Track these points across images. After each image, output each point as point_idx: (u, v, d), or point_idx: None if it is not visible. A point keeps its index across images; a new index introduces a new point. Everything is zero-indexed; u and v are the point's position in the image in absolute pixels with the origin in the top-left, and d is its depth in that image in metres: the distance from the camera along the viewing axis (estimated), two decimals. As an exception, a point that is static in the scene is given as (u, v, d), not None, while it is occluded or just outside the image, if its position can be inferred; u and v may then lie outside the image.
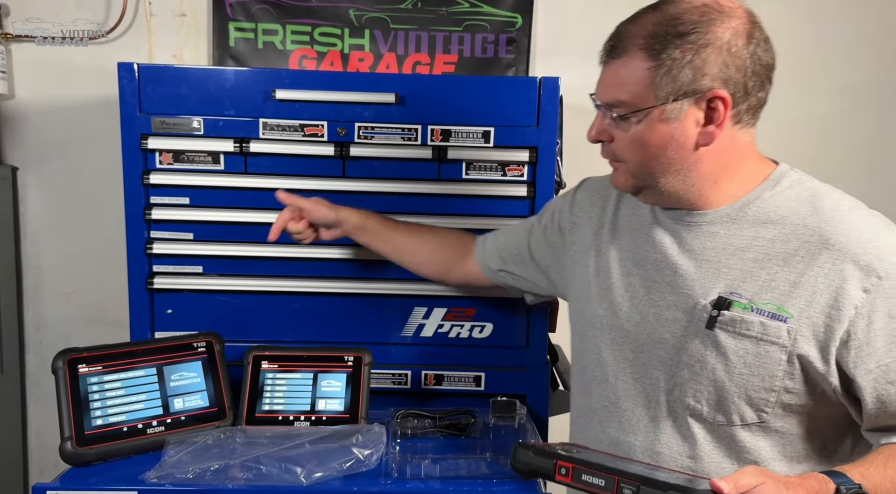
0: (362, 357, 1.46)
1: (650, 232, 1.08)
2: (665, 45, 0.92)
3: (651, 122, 0.96)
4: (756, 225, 0.99)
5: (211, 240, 1.60)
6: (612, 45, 0.98)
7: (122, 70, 1.53)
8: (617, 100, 0.97)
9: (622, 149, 1.00)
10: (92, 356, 1.35)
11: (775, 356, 0.94)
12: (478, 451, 1.35)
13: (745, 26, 0.93)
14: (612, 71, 0.98)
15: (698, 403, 1.00)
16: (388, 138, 1.56)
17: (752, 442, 1.00)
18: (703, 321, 0.98)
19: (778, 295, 0.95)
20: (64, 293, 2.21)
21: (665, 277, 1.04)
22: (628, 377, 1.08)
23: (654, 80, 0.93)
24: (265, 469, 1.22)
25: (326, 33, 2.11)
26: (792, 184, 1.01)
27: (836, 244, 0.93)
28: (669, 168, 0.98)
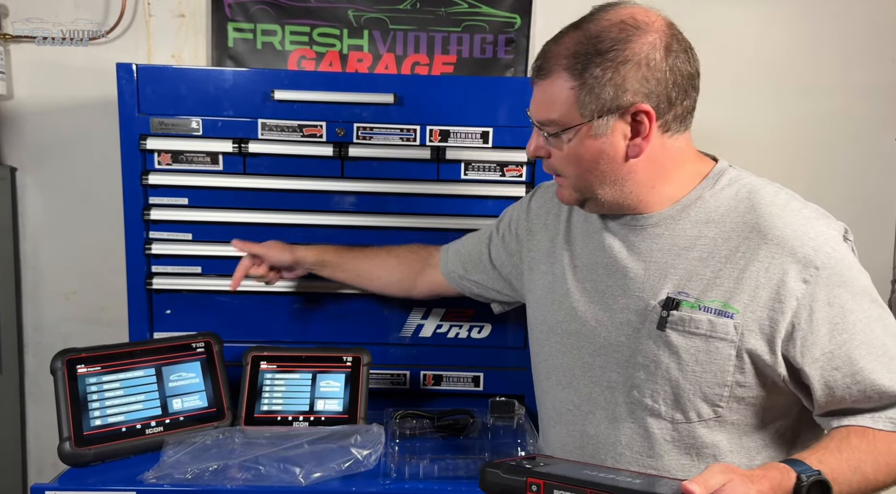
0: (361, 357, 1.46)
1: (600, 237, 1.10)
2: (586, 65, 0.95)
3: (581, 139, 0.99)
4: (698, 224, 1.01)
5: (210, 240, 1.60)
6: (539, 66, 1.01)
7: (121, 70, 1.53)
8: (547, 119, 1.00)
9: (559, 165, 1.04)
10: (91, 356, 1.35)
11: (725, 352, 0.97)
12: (476, 451, 1.35)
13: (663, 40, 0.95)
14: (541, 91, 1.01)
15: (656, 403, 1.02)
16: (387, 139, 1.56)
17: (711, 438, 1.01)
18: (654, 322, 1.00)
19: (723, 292, 0.97)
20: (63, 293, 2.21)
21: (616, 281, 1.06)
22: (587, 380, 1.10)
23: (578, 98, 0.96)
24: (264, 469, 1.22)
25: (325, 34, 2.11)
26: (730, 181, 1.03)
27: (773, 239, 0.96)
28: (605, 180, 1.01)
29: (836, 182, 2.16)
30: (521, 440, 1.40)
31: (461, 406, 1.53)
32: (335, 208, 1.59)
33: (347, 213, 1.59)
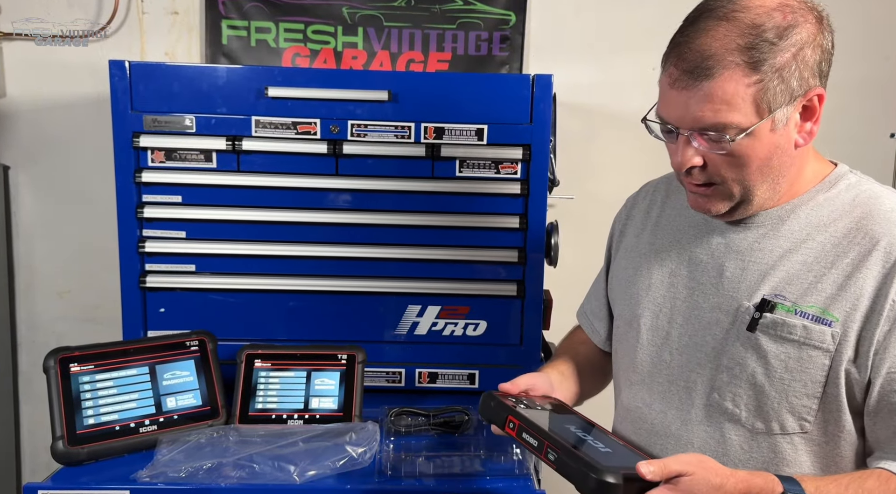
0: (356, 355, 1.46)
1: (699, 233, 1.05)
2: (765, 55, 0.86)
3: (760, 137, 0.89)
4: (807, 227, 0.95)
5: (203, 238, 1.59)
6: (697, 65, 0.87)
7: (114, 68, 1.52)
8: (721, 123, 0.88)
9: (723, 171, 0.93)
10: (84, 355, 1.34)
11: (818, 361, 0.91)
12: (471, 449, 1.35)
13: (818, 17, 0.91)
14: (703, 93, 0.88)
15: (737, 407, 0.97)
16: (382, 136, 1.56)
17: (793, 455, 0.95)
18: (745, 323, 0.95)
19: (823, 298, 0.91)
20: (56, 292, 2.20)
21: (710, 279, 1.01)
22: (664, 378, 1.05)
23: (762, 92, 0.87)
24: (258, 467, 1.21)
25: (320, 31, 2.11)
26: (849, 186, 0.97)
27: (887, 245, 0.89)
28: (769, 176, 0.94)
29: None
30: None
31: (456, 403, 1.52)
32: (329, 206, 1.59)
33: (342, 211, 1.59)
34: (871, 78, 2.17)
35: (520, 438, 0.95)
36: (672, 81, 0.90)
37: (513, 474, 1.26)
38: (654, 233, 1.12)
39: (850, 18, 2.16)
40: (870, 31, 2.16)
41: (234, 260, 1.59)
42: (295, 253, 1.59)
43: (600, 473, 0.83)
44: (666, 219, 1.12)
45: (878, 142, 2.18)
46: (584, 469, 0.84)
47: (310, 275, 1.60)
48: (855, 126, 2.19)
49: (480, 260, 1.61)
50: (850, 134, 2.18)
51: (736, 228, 1.00)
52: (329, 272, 1.60)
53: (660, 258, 1.08)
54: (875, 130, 2.18)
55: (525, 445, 0.94)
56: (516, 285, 1.61)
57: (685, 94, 0.89)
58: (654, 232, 1.12)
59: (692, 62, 0.88)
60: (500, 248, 1.60)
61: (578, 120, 2.14)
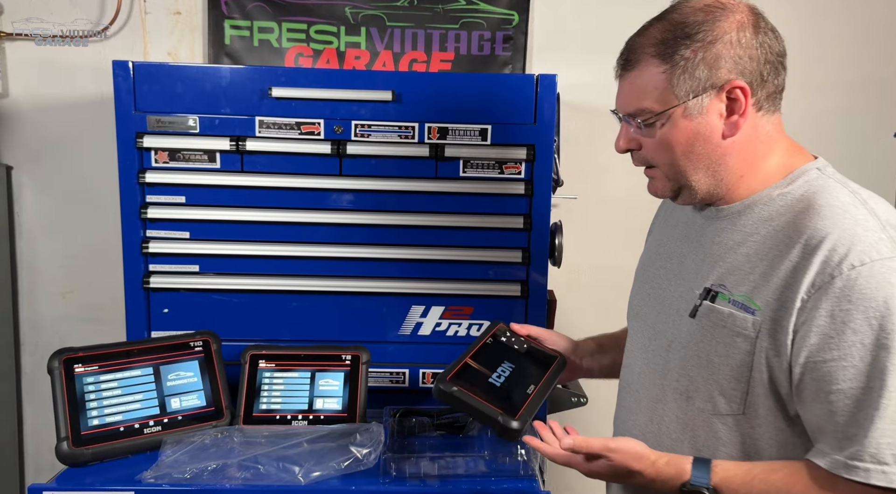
0: (360, 355, 1.46)
1: (684, 228, 1.13)
2: (676, 48, 0.95)
3: (675, 122, 0.98)
4: (758, 222, 1.00)
5: (207, 238, 1.59)
6: (625, 59, 1.01)
7: (117, 68, 1.52)
8: (639, 108, 0.99)
9: (652, 154, 1.02)
10: (88, 356, 1.34)
11: (742, 347, 0.95)
12: (476, 449, 1.35)
13: (750, 18, 0.97)
14: (629, 82, 1.01)
15: (682, 386, 1.04)
16: (385, 136, 1.56)
17: (728, 435, 1.00)
18: (689, 310, 1.03)
19: (751, 286, 0.96)
20: (60, 292, 2.20)
21: (678, 269, 1.10)
22: (642, 362, 1.14)
23: (671, 81, 0.96)
24: (263, 468, 1.21)
25: (322, 31, 2.11)
26: (807, 182, 0.99)
27: (810, 236, 0.92)
28: (699, 164, 1.00)
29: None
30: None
31: (460, 404, 1.52)
32: (333, 206, 1.59)
33: (345, 211, 1.59)
34: (875, 77, 2.17)
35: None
36: (615, 74, 1.05)
37: (517, 475, 1.26)
38: (660, 232, 1.23)
39: (854, 18, 2.16)
40: (874, 31, 2.16)
41: (237, 260, 1.59)
42: (299, 254, 1.59)
43: (440, 381, 1.09)
44: (671, 220, 1.20)
45: (882, 141, 2.17)
46: (440, 376, 1.11)
47: (314, 276, 1.60)
48: (859, 125, 2.18)
49: (484, 260, 1.60)
50: (854, 133, 2.18)
51: (707, 222, 1.07)
52: (333, 272, 1.60)
53: (658, 254, 1.19)
54: (879, 130, 2.17)
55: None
56: (520, 285, 1.61)
57: (620, 83, 1.04)
58: (660, 231, 1.23)
59: (623, 55, 1.02)
60: (503, 249, 1.60)
61: (581, 120, 2.14)
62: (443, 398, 1.10)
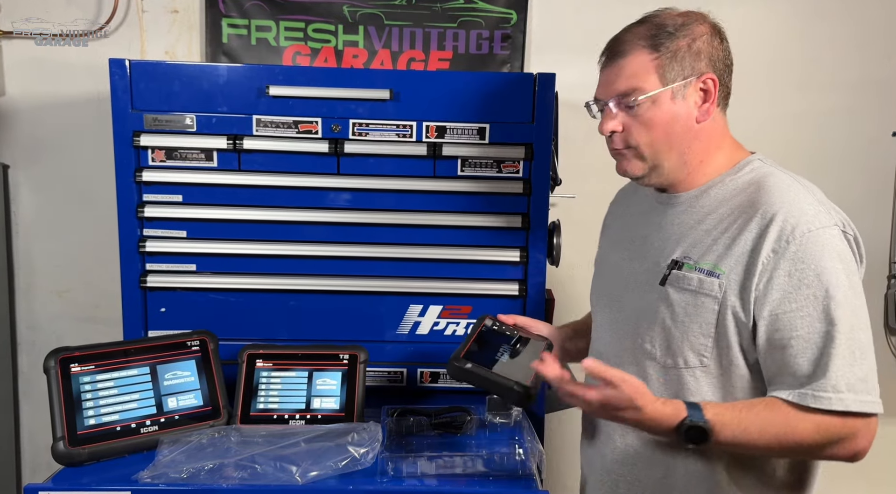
0: (358, 354, 1.45)
1: (646, 215, 1.28)
2: (664, 40, 1.12)
3: (661, 103, 1.13)
4: (713, 203, 1.16)
5: (204, 237, 1.59)
6: (613, 49, 1.16)
7: (114, 66, 1.52)
8: (630, 87, 1.12)
9: (635, 134, 1.15)
10: (84, 355, 1.34)
11: (709, 306, 1.10)
12: (474, 449, 1.34)
13: (715, 28, 1.16)
14: (618, 68, 1.14)
15: (653, 348, 1.17)
16: (383, 135, 1.55)
17: (695, 385, 1.13)
18: (659, 279, 1.17)
19: (716, 256, 1.11)
20: (56, 292, 2.19)
21: (643, 249, 1.24)
22: (612, 332, 1.27)
23: (660, 66, 1.12)
24: (260, 468, 1.21)
25: (320, 29, 2.10)
26: (752, 170, 1.17)
27: (764, 212, 1.09)
28: (674, 145, 1.15)
29: (831, 178, 2.13)
30: (518, 437, 1.39)
31: (458, 403, 1.52)
32: (330, 205, 1.58)
33: (343, 210, 1.58)
34: (873, 77, 2.17)
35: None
36: (601, 67, 1.19)
37: (515, 474, 1.26)
38: (618, 225, 1.37)
39: (852, 18, 2.16)
40: (871, 31, 2.16)
41: (235, 259, 1.59)
42: (296, 253, 1.59)
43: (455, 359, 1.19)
44: (630, 208, 1.35)
45: (880, 140, 2.17)
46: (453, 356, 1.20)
47: (311, 275, 1.59)
48: (858, 125, 2.18)
49: (482, 259, 1.60)
50: (853, 132, 2.18)
51: (664, 208, 1.23)
52: (331, 271, 1.60)
53: (618, 241, 1.33)
54: (878, 129, 2.17)
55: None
56: (518, 284, 1.60)
57: (607, 72, 1.17)
58: (618, 224, 1.37)
59: (612, 48, 1.16)
60: (502, 248, 1.60)
61: (580, 118, 2.12)
62: (458, 374, 1.20)
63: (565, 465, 2.20)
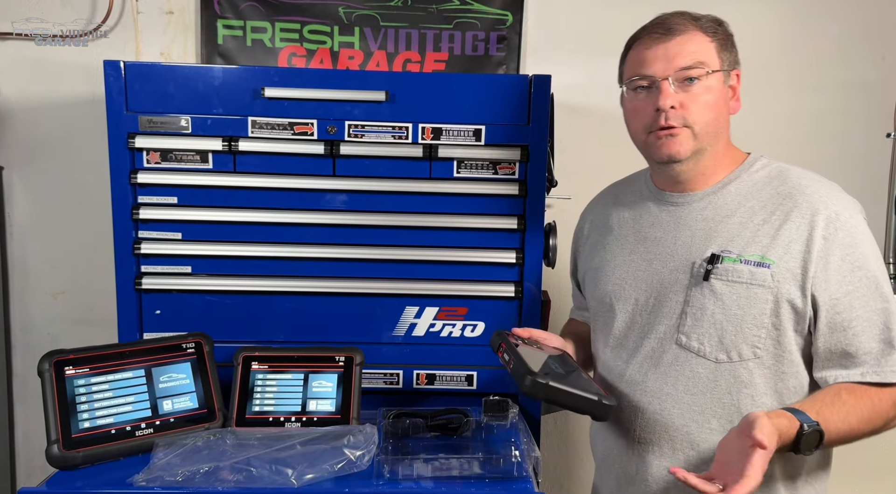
0: (353, 357, 1.45)
1: (650, 216, 1.29)
2: (715, 29, 1.18)
3: (717, 85, 1.17)
4: (738, 197, 1.20)
5: (199, 239, 1.58)
6: (667, 27, 1.17)
7: (109, 68, 1.51)
8: (697, 61, 1.15)
9: (693, 110, 1.15)
10: (79, 358, 1.33)
11: (762, 296, 1.13)
12: (470, 451, 1.34)
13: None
14: (678, 44, 1.15)
15: (701, 345, 1.17)
16: (379, 136, 1.55)
17: (749, 378, 1.15)
18: (701, 275, 1.17)
19: (761, 247, 1.14)
20: (51, 293, 2.19)
21: (665, 249, 1.25)
22: (636, 336, 1.26)
23: (718, 49, 1.16)
24: (256, 470, 1.21)
25: (316, 31, 2.10)
26: (763, 165, 1.23)
27: (804, 203, 1.14)
28: (719, 130, 1.19)
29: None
30: (514, 439, 1.39)
31: (455, 405, 1.52)
32: (326, 207, 1.58)
33: (339, 212, 1.58)
34: (867, 78, 2.18)
35: (502, 357, 1.22)
36: (647, 45, 1.18)
37: (511, 476, 1.25)
38: (611, 227, 1.37)
39: (846, 19, 2.17)
40: (865, 32, 2.17)
41: (230, 261, 1.59)
42: (292, 255, 1.58)
43: (535, 376, 1.09)
44: (618, 214, 1.37)
45: (874, 141, 2.18)
46: (524, 373, 1.09)
47: (307, 277, 1.59)
48: (852, 126, 2.19)
49: (478, 261, 1.60)
50: (846, 133, 2.19)
51: (680, 207, 1.25)
52: (326, 273, 1.60)
53: (619, 244, 1.33)
54: (872, 130, 2.18)
55: (503, 363, 1.21)
56: (514, 286, 1.60)
57: (663, 48, 1.16)
58: (611, 226, 1.37)
59: (664, 27, 1.17)
60: (498, 249, 1.60)
61: (575, 120, 2.14)
62: (538, 391, 1.10)
63: (561, 467, 2.20)
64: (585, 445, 1.38)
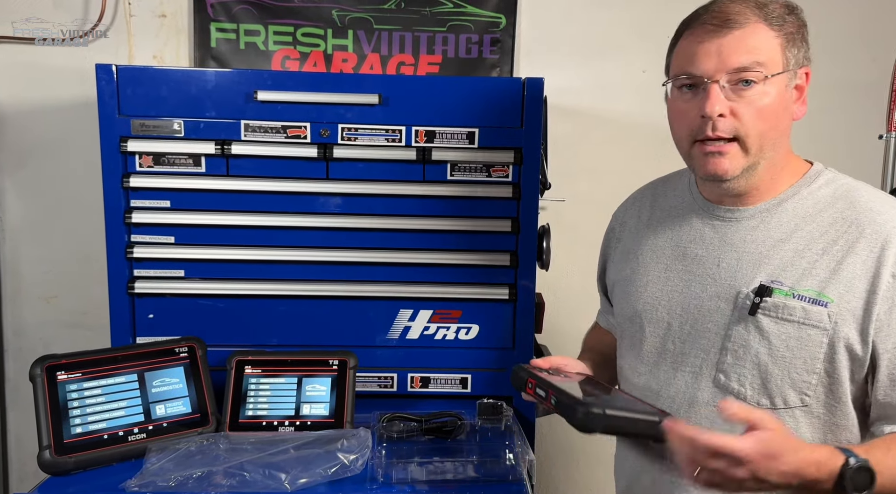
0: (347, 360, 1.45)
1: (692, 230, 1.13)
2: (783, 19, 0.99)
3: (778, 87, 0.99)
4: (795, 218, 1.03)
5: (192, 243, 1.58)
6: (727, 18, 0.98)
7: (101, 71, 1.51)
8: (755, 62, 0.97)
9: (748, 121, 0.99)
10: (71, 362, 1.33)
11: (816, 339, 0.98)
12: (464, 454, 1.34)
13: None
14: (737, 40, 0.97)
15: (742, 387, 1.03)
16: (372, 140, 1.55)
17: (794, 426, 1.01)
18: (747, 308, 1.02)
19: (818, 281, 0.98)
20: (43, 298, 2.17)
21: (707, 270, 1.08)
22: (669, 366, 1.12)
23: (783, 46, 0.99)
24: (249, 475, 1.20)
25: (309, 34, 2.10)
26: (827, 181, 1.06)
27: (872, 233, 0.98)
28: (777, 140, 1.01)
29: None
30: (509, 442, 1.39)
31: (449, 408, 1.51)
32: (320, 210, 1.58)
33: (332, 215, 1.58)
34: (858, 79, 2.19)
35: (535, 394, 1.04)
36: (700, 38, 0.99)
37: (506, 480, 1.25)
38: (647, 234, 1.20)
39: (837, 21, 2.18)
40: (857, 33, 2.18)
41: (223, 265, 1.58)
42: (285, 258, 1.58)
43: (588, 406, 0.91)
44: (656, 220, 1.20)
45: (866, 143, 2.19)
46: (574, 405, 0.93)
47: (300, 280, 1.59)
48: (843, 127, 2.20)
49: (472, 263, 1.60)
50: (838, 135, 2.20)
51: (728, 223, 1.08)
52: (320, 276, 1.59)
53: (655, 256, 1.17)
54: (863, 132, 2.19)
55: (538, 399, 1.03)
56: (508, 289, 1.60)
57: (716, 43, 0.98)
58: (647, 234, 1.20)
59: (720, 18, 0.98)
60: (491, 252, 1.60)
61: (568, 122, 2.14)
62: (597, 422, 0.93)
63: (556, 470, 2.20)
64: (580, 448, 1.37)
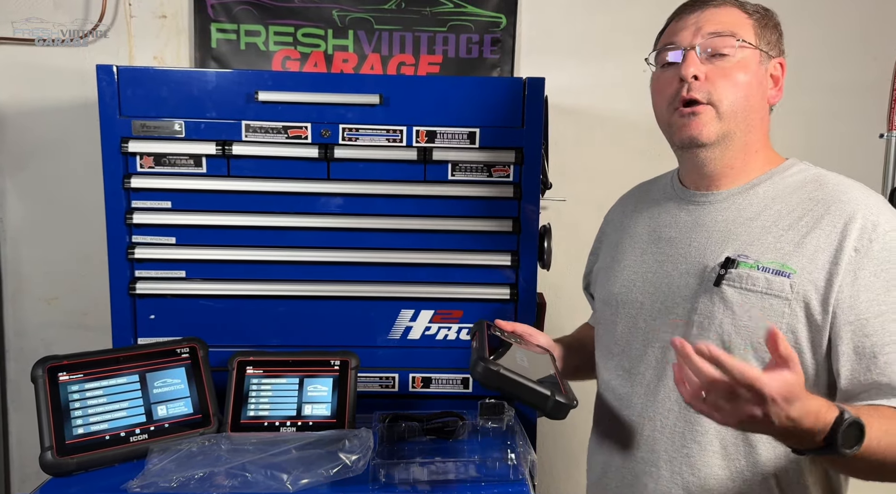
0: (349, 360, 1.45)
1: (668, 215, 1.20)
2: (757, 12, 1.10)
3: (750, 62, 1.07)
4: (765, 200, 1.09)
5: (194, 244, 1.58)
6: (702, 3, 1.10)
7: (101, 72, 1.51)
8: (730, 30, 1.06)
9: (720, 86, 1.06)
10: (73, 363, 1.33)
11: (778, 308, 1.01)
12: (466, 454, 1.34)
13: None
14: (712, 13, 1.08)
15: None
16: (373, 140, 1.55)
17: None
18: (712, 280, 1.06)
19: (782, 254, 1.02)
20: (45, 299, 2.18)
21: (679, 250, 1.14)
22: (640, 344, 1.16)
23: (755, 26, 1.08)
24: (251, 476, 1.20)
25: (310, 34, 2.10)
26: (800, 171, 1.12)
27: (838, 209, 1.01)
28: (749, 115, 1.08)
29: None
30: (510, 442, 1.39)
31: (450, 408, 1.51)
32: (321, 210, 1.58)
33: (333, 216, 1.58)
34: (859, 79, 2.19)
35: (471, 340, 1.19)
36: (680, 17, 1.11)
37: (507, 479, 1.25)
38: (628, 225, 1.28)
39: (838, 20, 2.18)
40: (858, 33, 2.18)
41: (224, 265, 1.58)
42: (286, 258, 1.58)
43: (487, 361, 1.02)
44: (638, 212, 1.28)
45: (867, 142, 2.19)
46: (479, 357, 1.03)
47: (302, 280, 1.59)
48: (844, 126, 2.20)
49: (473, 263, 1.60)
50: (839, 134, 2.20)
51: (701, 207, 1.14)
52: (321, 277, 1.59)
53: (633, 242, 1.24)
54: (864, 131, 2.19)
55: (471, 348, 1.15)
56: (509, 288, 1.60)
57: (695, 17, 1.09)
58: (628, 224, 1.28)
59: (700, 2, 1.10)
60: (492, 252, 1.60)
61: (569, 122, 2.14)
62: (489, 377, 1.02)
63: (558, 470, 2.20)
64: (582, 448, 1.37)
